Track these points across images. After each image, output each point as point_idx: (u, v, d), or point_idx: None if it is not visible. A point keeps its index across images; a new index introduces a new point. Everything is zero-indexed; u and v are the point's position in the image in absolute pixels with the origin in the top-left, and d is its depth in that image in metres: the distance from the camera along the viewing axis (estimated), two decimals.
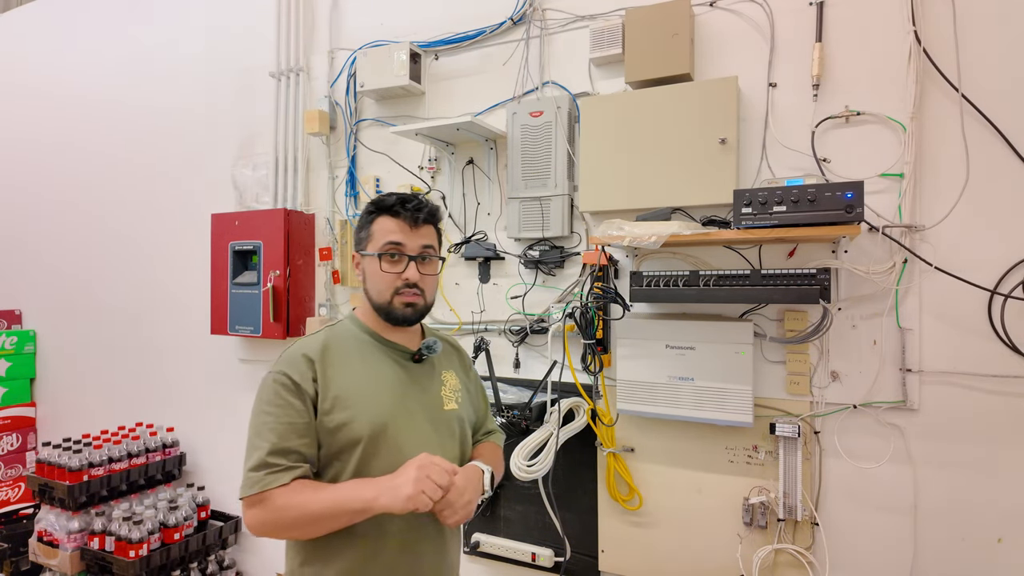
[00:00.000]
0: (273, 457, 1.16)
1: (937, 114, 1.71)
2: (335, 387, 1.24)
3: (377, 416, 1.24)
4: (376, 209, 1.32)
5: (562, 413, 2.03)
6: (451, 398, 1.38)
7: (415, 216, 1.29)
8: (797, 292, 1.68)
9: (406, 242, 1.29)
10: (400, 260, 1.29)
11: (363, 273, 1.33)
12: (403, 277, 1.28)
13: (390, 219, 1.30)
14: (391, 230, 1.29)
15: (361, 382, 1.26)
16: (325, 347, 1.28)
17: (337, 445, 1.22)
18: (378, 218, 1.31)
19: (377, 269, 1.29)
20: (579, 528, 2.15)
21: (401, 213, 1.29)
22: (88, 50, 3.50)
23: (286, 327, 2.60)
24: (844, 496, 1.81)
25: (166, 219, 3.18)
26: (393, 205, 1.30)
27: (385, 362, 1.32)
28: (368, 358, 1.30)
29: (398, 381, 1.31)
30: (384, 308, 1.30)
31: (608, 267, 2.01)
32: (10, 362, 3.61)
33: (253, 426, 1.22)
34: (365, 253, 1.31)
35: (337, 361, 1.27)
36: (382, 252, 1.28)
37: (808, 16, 1.85)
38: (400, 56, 2.36)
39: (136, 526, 2.52)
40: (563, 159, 2.12)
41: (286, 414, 1.19)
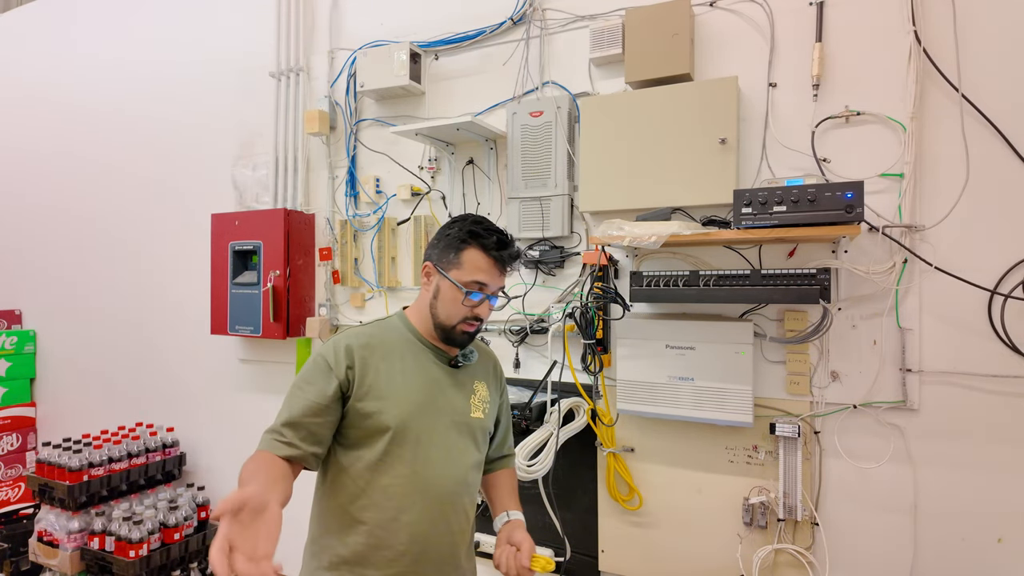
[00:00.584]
0: (285, 428, 1.24)
1: (937, 114, 1.71)
2: (372, 375, 1.29)
3: (406, 410, 1.29)
4: (472, 239, 1.31)
5: (562, 413, 2.03)
6: (479, 407, 1.42)
7: (508, 264, 1.33)
8: (797, 292, 1.68)
9: (490, 284, 1.32)
10: (478, 297, 1.31)
11: (435, 289, 1.34)
12: (475, 312, 1.32)
13: (483, 256, 1.30)
14: (481, 268, 1.30)
15: (397, 377, 1.31)
16: (370, 338, 1.34)
17: (367, 430, 1.28)
18: (472, 249, 1.31)
19: (454, 297, 1.31)
20: (579, 528, 2.15)
21: (496, 257, 1.31)
22: (88, 51, 3.50)
23: (286, 327, 2.60)
24: (844, 496, 1.81)
25: (166, 219, 3.18)
26: (493, 246, 1.30)
27: (423, 362, 1.36)
28: (407, 356, 1.35)
29: (432, 381, 1.35)
30: (446, 330, 1.34)
31: (608, 267, 2.01)
32: (10, 362, 3.61)
33: (286, 395, 1.30)
34: (448, 277, 1.31)
35: (379, 353, 1.32)
36: (467, 289, 1.30)
37: (808, 16, 1.85)
38: (400, 56, 2.36)
39: (136, 526, 2.52)
40: (563, 159, 2.12)
41: (311, 392, 1.26)
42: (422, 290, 1.39)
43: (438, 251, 1.35)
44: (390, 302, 2.55)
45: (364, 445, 1.30)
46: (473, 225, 1.32)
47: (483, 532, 2.30)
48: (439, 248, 1.35)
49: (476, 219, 1.35)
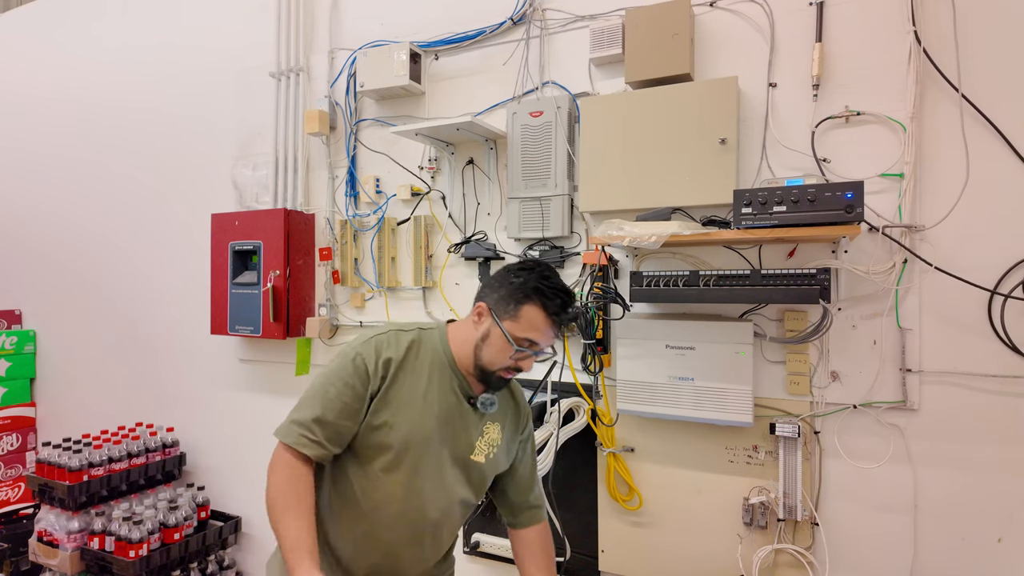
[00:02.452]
0: (316, 425, 1.25)
1: (937, 114, 1.71)
2: (395, 392, 1.30)
3: (413, 435, 1.30)
4: (536, 296, 1.29)
5: (562, 413, 2.03)
6: (483, 450, 1.41)
7: (565, 328, 1.35)
8: (797, 292, 1.68)
9: (543, 342, 1.32)
10: (527, 352, 1.31)
11: (485, 332, 1.32)
12: (519, 364, 1.33)
13: (543, 316, 1.29)
14: (538, 328, 1.29)
15: (417, 400, 1.32)
16: (408, 352, 1.33)
17: (370, 441, 1.30)
18: (533, 306, 1.28)
19: (503, 348, 1.30)
20: (579, 528, 2.15)
21: (555, 319, 1.30)
22: (86, 51, 3.50)
23: (286, 327, 2.60)
24: (844, 496, 1.81)
25: (166, 219, 3.18)
26: (556, 310, 1.29)
27: (446, 390, 1.36)
28: (434, 379, 1.35)
29: (447, 412, 1.35)
30: (484, 372, 1.33)
31: (608, 267, 2.00)
32: (10, 362, 3.61)
33: (317, 386, 1.29)
34: (501, 327, 1.29)
35: (411, 368, 1.33)
36: (520, 345, 1.29)
37: (808, 16, 1.85)
38: (400, 56, 2.36)
39: (136, 526, 2.52)
40: (563, 159, 2.12)
41: (346, 394, 1.27)
42: (470, 324, 1.36)
43: (497, 297, 1.32)
44: (390, 302, 2.55)
45: (364, 454, 1.31)
46: (540, 281, 1.29)
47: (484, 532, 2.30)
48: (499, 294, 1.32)
49: (543, 273, 1.32)
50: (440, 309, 2.43)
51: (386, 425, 1.29)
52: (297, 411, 1.29)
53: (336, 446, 1.29)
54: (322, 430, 1.25)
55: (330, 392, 1.27)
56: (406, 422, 1.29)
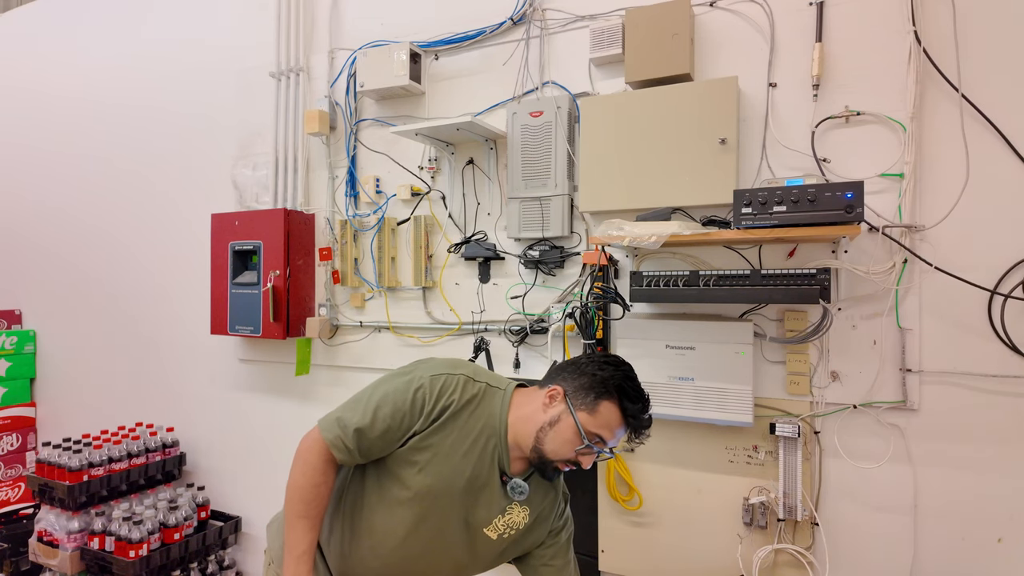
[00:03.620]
0: (356, 434, 1.25)
1: (937, 114, 1.71)
2: (440, 437, 1.28)
3: (436, 486, 1.28)
4: (619, 395, 1.27)
5: None
6: (498, 528, 1.36)
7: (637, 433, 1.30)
8: (797, 292, 1.68)
9: (609, 443, 1.29)
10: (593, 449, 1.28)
11: (555, 418, 1.28)
12: (580, 460, 1.29)
13: (619, 415, 1.27)
14: (611, 427, 1.27)
15: (456, 455, 1.29)
16: (467, 405, 1.30)
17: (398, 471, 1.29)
18: (613, 404, 1.27)
19: (571, 439, 1.26)
20: (579, 528, 2.12)
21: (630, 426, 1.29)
22: (87, 50, 3.50)
23: (286, 327, 2.60)
24: (844, 496, 1.81)
25: (166, 219, 3.18)
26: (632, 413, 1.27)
27: (486, 456, 1.31)
28: (480, 442, 1.30)
29: (478, 477, 1.31)
30: (543, 460, 1.29)
31: (608, 267, 2.00)
32: (10, 362, 3.61)
33: (375, 395, 1.29)
34: (575, 418, 1.26)
35: (464, 421, 1.29)
36: (591, 441, 1.27)
37: (808, 16, 1.85)
38: (400, 56, 2.36)
39: (136, 526, 2.52)
40: (563, 159, 2.12)
41: (393, 419, 1.26)
42: (539, 404, 1.31)
43: (577, 385, 1.30)
44: (390, 302, 2.55)
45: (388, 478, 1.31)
46: (625, 380, 1.29)
47: None
48: (579, 383, 1.30)
49: (628, 373, 1.31)
50: (440, 309, 2.43)
51: (416, 466, 1.27)
52: (346, 411, 1.29)
53: (362, 458, 1.29)
54: (358, 441, 1.26)
55: (382, 410, 1.26)
56: (436, 473, 1.28)
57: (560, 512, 1.49)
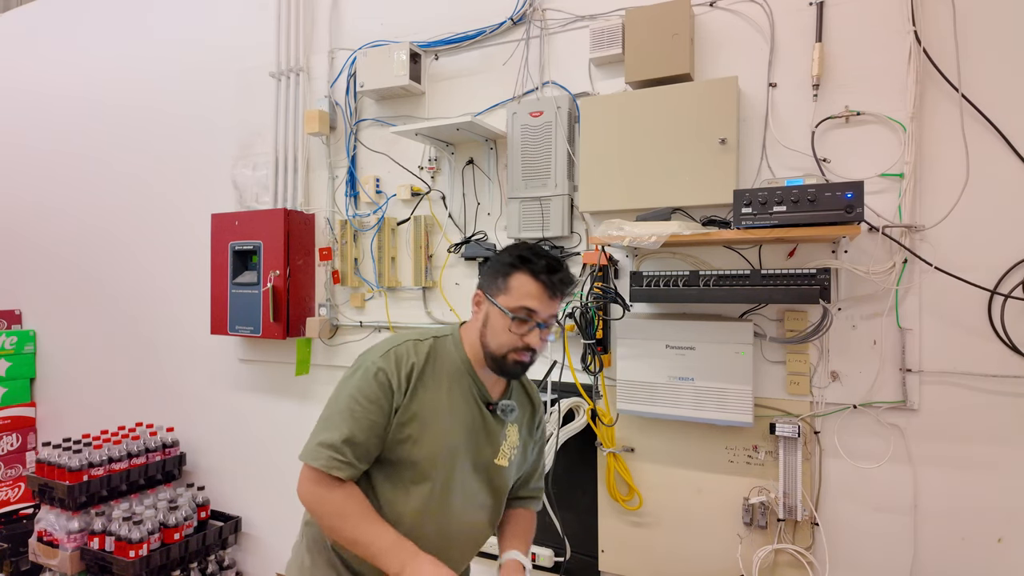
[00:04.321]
0: (346, 446, 1.22)
1: (937, 114, 1.71)
2: (418, 404, 1.28)
3: (439, 449, 1.29)
4: (521, 264, 1.29)
5: (562, 413, 2.03)
6: (506, 454, 1.40)
7: (558, 290, 1.29)
8: (797, 292, 1.68)
9: (541, 311, 1.27)
10: (527, 323, 1.28)
11: (484, 316, 1.32)
12: (526, 341, 1.28)
13: (532, 281, 1.27)
14: (531, 294, 1.27)
15: (441, 412, 1.30)
16: (427, 361, 1.31)
17: (397, 455, 1.28)
18: (520, 274, 1.28)
19: (503, 326, 1.28)
20: (579, 528, 2.15)
21: (546, 282, 1.27)
22: (87, 50, 3.50)
23: (286, 327, 2.60)
24: (844, 496, 1.81)
25: (166, 219, 3.18)
26: (542, 271, 1.27)
27: (467, 398, 1.34)
28: (455, 388, 1.33)
29: (471, 421, 1.34)
30: (496, 360, 1.30)
31: (608, 267, 2.01)
32: (10, 362, 3.61)
33: (340, 404, 1.26)
34: (495, 303, 1.29)
35: (430, 380, 1.30)
36: (515, 315, 1.27)
37: (808, 16, 1.85)
38: (400, 56, 2.36)
39: (136, 526, 2.52)
40: (563, 159, 2.12)
41: (373, 411, 1.24)
42: (473, 317, 1.36)
43: (487, 278, 1.33)
44: (390, 302, 2.55)
45: (392, 467, 1.29)
46: (523, 251, 1.30)
47: None
48: (488, 274, 1.33)
49: (528, 246, 1.33)
50: (440, 309, 2.43)
51: (410, 440, 1.26)
52: (323, 432, 1.25)
53: (365, 463, 1.27)
54: (353, 451, 1.23)
55: (356, 411, 1.24)
56: (431, 438, 1.27)
57: (540, 421, 1.53)
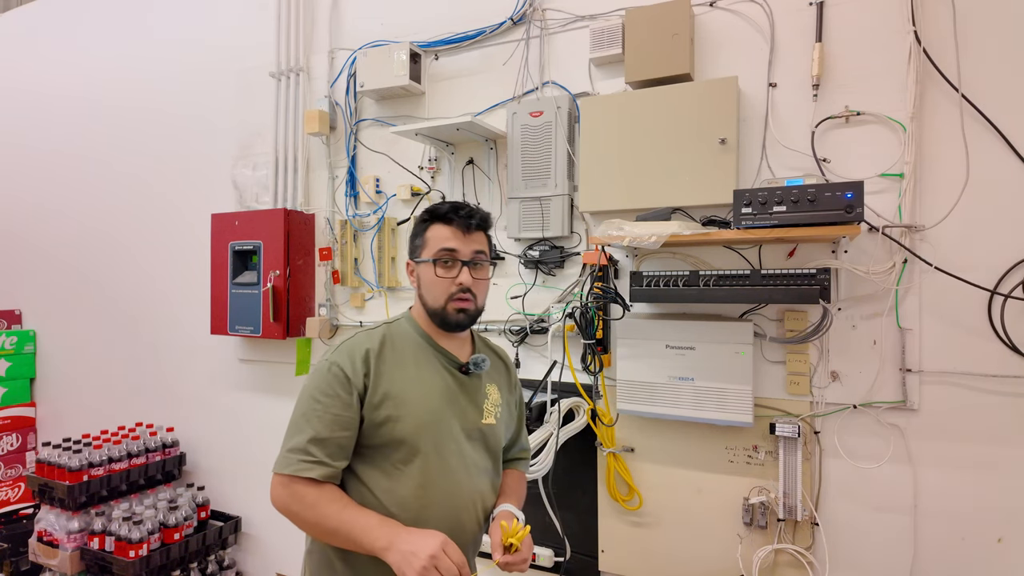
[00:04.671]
0: (312, 446, 1.21)
1: (937, 114, 1.71)
2: (386, 383, 1.27)
3: (421, 419, 1.27)
4: (430, 217, 1.34)
5: (562, 413, 2.03)
6: (491, 412, 1.40)
7: (468, 223, 1.32)
8: (797, 292, 1.68)
9: (460, 248, 1.30)
10: (454, 266, 1.31)
11: (418, 280, 1.36)
12: (457, 282, 1.30)
13: (443, 226, 1.31)
14: (445, 237, 1.31)
15: (412, 384, 1.29)
16: (383, 343, 1.31)
17: (381, 440, 1.26)
18: (432, 225, 1.33)
19: (432, 275, 1.31)
20: (579, 528, 2.15)
21: (454, 220, 1.31)
22: (87, 51, 3.50)
23: (286, 327, 2.60)
24: (844, 496, 1.81)
25: (166, 219, 3.18)
26: (447, 212, 1.32)
27: (436, 368, 1.34)
28: (421, 361, 1.33)
29: (446, 388, 1.33)
30: (439, 314, 1.32)
31: (608, 267, 2.01)
32: (10, 362, 3.61)
33: (301, 408, 1.26)
34: (420, 260, 1.34)
35: (392, 359, 1.30)
36: (437, 258, 1.30)
37: (808, 16, 1.85)
38: (400, 56, 2.36)
39: (136, 526, 2.52)
40: (563, 159, 2.12)
41: (334, 405, 1.23)
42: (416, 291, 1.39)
43: (410, 248, 1.39)
44: (390, 302, 2.55)
45: (378, 455, 1.27)
46: (429, 207, 1.36)
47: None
48: (410, 244, 1.39)
49: (434, 203, 1.38)
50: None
51: (390, 420, 1.25)
52: (288, 439, 1.25)
53: (340, 460, 1.24)
54: (321, 448, 1.21)
55: (317, 409, 1.23)
56: (408, 413, 1.26)
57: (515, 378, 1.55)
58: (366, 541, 1.17)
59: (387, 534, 1.16)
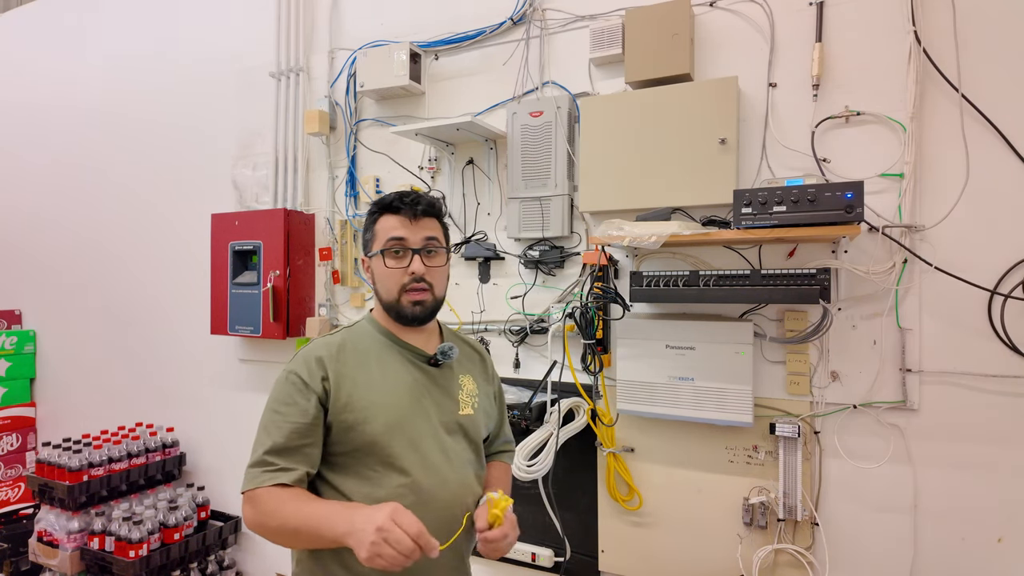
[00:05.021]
0: (271, 456, 1.17)
1: (937, 114, 1.71)
2: (349, 386, 1.23)
3: (392, 418, 1.23)
4: (377, 209, 1.33)
5: (562, 413, 2.03)
6: (468, 403, 1.37)
7: (414, 209, 1.29)
8: (797, 292, 1.68)
9: (408, 236, 1.27)
10: (404, 255, 1.27)
11: (372, 275, 1.34)
12: (409, 272, 1.27)
13: (391, 216, 1.30)
14: (393, 226, 1.29)
15: (376, 382, 1.26)
16: (341, 347, 1.28)
17: (352, 445, 1.22)
18: (380, 217, 1.32)
19: (383, 268, 1.28)
20: (579, 528, 2.15)
21: (401, 208, 1.29)
22: (87, 50, 3.50)
23: (286, 327, 2.60)
24: (844, 496, 1.81)
25: (166, 219, 3.18)
26: (392, 202, 1.30)
27: (402, 364, 1.31)
28: (385, 359, 1.30)
29: (415, 383, 1.30)
30: (394, 307, 1.29)
31: (608, 267, 2.01)
32: (10, 362, 3.61)
33: (261, 423, 1.23)
34: (371, 254, 1.32)
35: (353, 360, 1.27)
36: (385, 248, 1.27)
37: (808, 16, 1.85)
38: (400, 56, 2.36)
39: (136, 526, 2.52)
40: (563, 159, 2.12)
41: (292, 414, 1.20)
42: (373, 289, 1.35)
43: (364, 245, 1.37)
44: None
45: (353, 460, 1.23)
46: (376, 200, 1.34)
47: None
48: (363, 241, 1.37)
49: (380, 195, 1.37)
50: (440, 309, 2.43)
51: (359, 423, 1.21)
52: (250, 459, 1.20)
53: (306, 465, 1.19)
54: (280, 457, 1.17)
55: (276, 419, 1.20)
56: (377, 412, 1.22)
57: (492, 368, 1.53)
58: (328, 532, 1.09)
59: (346, 519, 1.08)
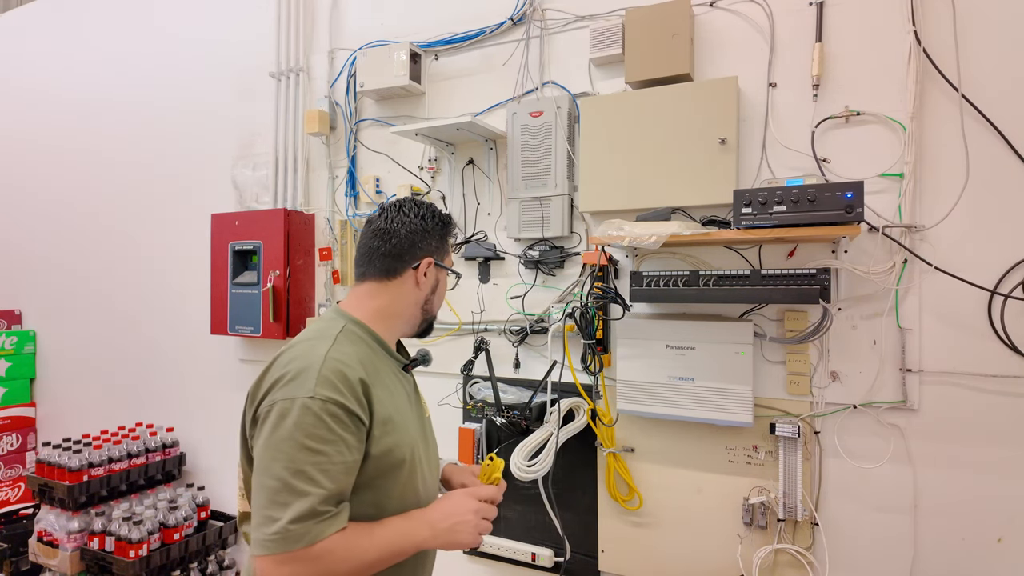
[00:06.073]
0: (324, 505, 1.00)
1: (937, 114, 1.71)
2: (382, 409, 1.12)
3: (410, 435, 1.20)
4: (448, 227, 1.33)
5: (562, 413, 2.03)
6: (425, 405, 1.40)
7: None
8: (797, 292, 1.68)
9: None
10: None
11: (434, 283, 1.29)
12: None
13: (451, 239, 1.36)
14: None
15: (395, 401, 1.19)
16: (364, 366, 1.13)
17: (380, 470, 1.12)
18: (449, 236, 1.34)
19: (445, 284, 1.35)
20: (579, 528, 2.15)
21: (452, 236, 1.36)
22: (88, 50, 3.50)
23: (286, 327, 2.60)
24: (844, 496, 1.81)
25: (166, 219, 3.18)
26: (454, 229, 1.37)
27: (395, 374, 1.25)
28: (386, 372, 1.21)
29: (407, 394, 1.27)
30: (429, 319, 1.34)
31: (608, 267, 2.01)
32: (10, 362, 3.61)
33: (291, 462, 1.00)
34: (444, 267, 1.32)
35: (375, 379, 1.15)
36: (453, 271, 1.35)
37: (808, 16, 1.85)
38: (400, 56, 2.36)
39: (136, 526, 2.52)
40: (563, 159, 2.12)
41: (340, 453, 1.02)
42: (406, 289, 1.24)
43: (435, 243, 1.27)
44: None
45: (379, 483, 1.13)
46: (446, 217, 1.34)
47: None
48: (435, 241, 1.27)
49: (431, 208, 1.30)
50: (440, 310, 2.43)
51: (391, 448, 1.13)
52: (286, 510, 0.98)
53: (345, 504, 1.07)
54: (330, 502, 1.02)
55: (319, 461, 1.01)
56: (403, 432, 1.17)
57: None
58: (410, 546, 1.09)
59: (421, 525, 1.12)
